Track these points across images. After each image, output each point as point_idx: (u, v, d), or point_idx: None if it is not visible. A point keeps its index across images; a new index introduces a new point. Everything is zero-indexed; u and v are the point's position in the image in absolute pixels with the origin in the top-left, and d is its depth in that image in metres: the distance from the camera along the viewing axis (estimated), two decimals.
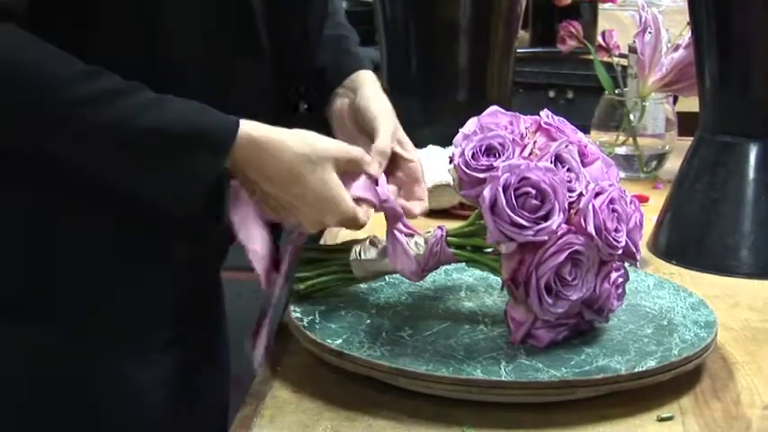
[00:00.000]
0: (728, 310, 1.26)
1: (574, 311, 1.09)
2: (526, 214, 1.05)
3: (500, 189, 1.05)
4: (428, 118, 1.72)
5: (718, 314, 1.16)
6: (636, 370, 1.03)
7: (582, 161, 1.10)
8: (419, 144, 1.65)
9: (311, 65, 1.28)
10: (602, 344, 1.10)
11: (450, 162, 1.11)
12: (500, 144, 1.09)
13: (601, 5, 2.55)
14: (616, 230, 1.07)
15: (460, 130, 1.13)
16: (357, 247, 1.18)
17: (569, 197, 1.07)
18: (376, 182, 1.14)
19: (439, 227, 1.15)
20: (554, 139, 1.10)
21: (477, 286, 1.23)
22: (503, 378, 1.02)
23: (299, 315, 1.14)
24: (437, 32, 1.71)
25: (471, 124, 1.12)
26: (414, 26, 1.71)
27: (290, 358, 1.12)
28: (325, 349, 1.08)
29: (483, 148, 1.09)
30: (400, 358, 1.05)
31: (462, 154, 1.09)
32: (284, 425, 1.01)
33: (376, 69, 1.38)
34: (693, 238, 1.42)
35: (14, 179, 1.12)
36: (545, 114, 1.12)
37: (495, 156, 1.09)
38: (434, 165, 1.58)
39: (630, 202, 1.10)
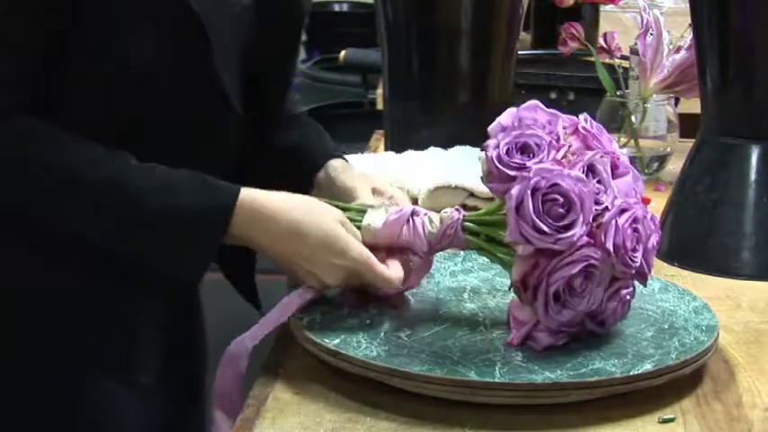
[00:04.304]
0: (730, 312, 1.26)
1: (577, 321, 1.08)
2: (550, 221, 1.05)
3: (529, 191, 1.04)
4: (429, 120, 1.72)
5: (719, 316, 1.16)
6: (631, 373, 1.03)
7: (612, 173, 1.09)
8: (420, 145, 1.66)
9: (278, 141, 1.32)
10: (599, 347, 1.09)
11: (482, 150, 1.10)
12: (536, 144, 1.08)
13: (602, 7, 2.54)
14: (634, 250, 1.07)
15: (497, 120, 1.11)
16: (371, 213, 1.17)
17: (595, 210, 1.06)
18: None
19: (457, 209, 1.14)
20: (589, 146, 1.09)
21: (481, 288, 1.23)
22: (496, 380, 1.02)
23: (299, 314, 1.14)
24: (438, 34, 1.71)
25: (508, 116, 1.11)
26: (415, 28, 1.71)
27: (291, 360, 1.12)
28: (322, 348, 1.08)
29: (518, 145, 1.08)
30: (396, 358, 1.05)
31: (497, 147, 1.08)
32: (286, 427, 1.00)
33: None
34: (695, 239, 1.42)
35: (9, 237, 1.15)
36: (584, 119, 1.11)
37: (529, 155, 1.07)
38: (435, 166, 1.58)
39: (651, 220, 1.09)
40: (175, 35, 1.11)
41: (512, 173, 1.07)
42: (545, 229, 1.05)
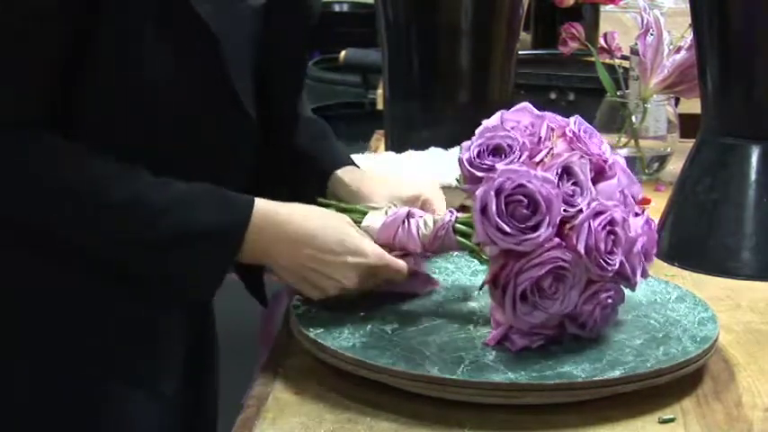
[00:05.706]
0: (730, 312, 1.26)
1: (552, 323, 1.08)
2: (514, 222, 1.04)
3: (492, 193, 1.04)
4: (429, 120, 1.72)
5: (719, 316, 1.16)
6: (594, 379, 1.02)
7: (600, 175, 1.08)
8: (421, 146, 1.66)
9: (294, 145, 1.31)
10: (579, 351, 1.08)
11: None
12: (508, 145, 1.07)
13: (603, 7, 2.55)
14: (610, 253, 1.05)
15: (484, 121, 1.11)
16: (371, 215, 1.18)
17: (568, 212, 1.05)
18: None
19: (450, 211, 1.14)
20: (573, 149, 1.08)
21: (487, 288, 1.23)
22: (455, 377, 1.02)
23: (297, 303, 1.15)
24: (439, 34, 1.71)
25: (495, 118, 1.11)
26: (415, 28, 1.71)
27: (291, 360, 1.13)
28: (303, 336, 1.09)
29: (490, 147, 1.08)
30: (369, 351, 1.06)
31: (469, 149, 1.09)
32: (286, 426, 1.01)
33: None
34: (695, 239, 1.42)
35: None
36: (573, 121, 1.10)
37: (500, 156, 1.07)
38: (435, 166, 1.58)
39: (645, 224, 1.08)
40: (181, 38, 1.11)
41: (480, 174, 1.07)
42: (507, 230, 1.04)
